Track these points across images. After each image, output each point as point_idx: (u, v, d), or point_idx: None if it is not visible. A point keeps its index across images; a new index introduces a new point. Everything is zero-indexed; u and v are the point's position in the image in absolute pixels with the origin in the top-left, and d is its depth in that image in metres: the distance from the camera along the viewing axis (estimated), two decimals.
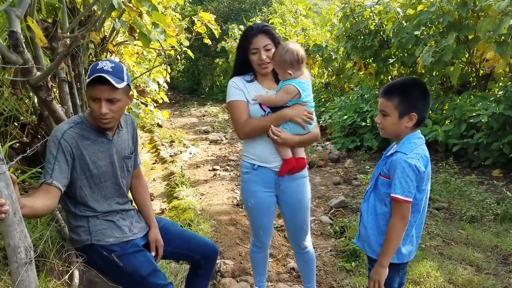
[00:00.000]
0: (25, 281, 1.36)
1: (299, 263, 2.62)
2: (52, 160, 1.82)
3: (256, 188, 2.29)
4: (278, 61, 2.10)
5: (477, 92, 5.85)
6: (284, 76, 2.13)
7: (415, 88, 1.74)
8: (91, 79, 1.79)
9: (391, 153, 1.79)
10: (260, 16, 13.62)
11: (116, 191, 2.06)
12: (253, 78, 2.27)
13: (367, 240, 1.87)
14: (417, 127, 1.78)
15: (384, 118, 1.78)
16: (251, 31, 2.16)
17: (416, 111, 1.72)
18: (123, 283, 2.00)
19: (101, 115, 1.85)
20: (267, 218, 2.41)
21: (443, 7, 5.66)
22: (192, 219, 4.00)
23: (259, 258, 2.60)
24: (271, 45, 2.15)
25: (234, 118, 2.24)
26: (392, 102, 1.73)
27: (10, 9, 1.90)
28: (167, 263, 3.08)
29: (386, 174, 1.78)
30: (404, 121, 1.73)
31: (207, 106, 12.95)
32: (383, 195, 1.80)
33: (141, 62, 5.64)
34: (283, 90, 2.13)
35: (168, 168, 6.14)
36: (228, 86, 2.27)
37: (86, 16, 2.99)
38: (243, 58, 2.21)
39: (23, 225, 1.36)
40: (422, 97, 1.74)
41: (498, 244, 3.43)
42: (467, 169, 5.39)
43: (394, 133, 1.81)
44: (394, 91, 1.75)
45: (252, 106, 2.20)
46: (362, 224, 1.92)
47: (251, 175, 2.30)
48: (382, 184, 1.80)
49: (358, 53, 7.37)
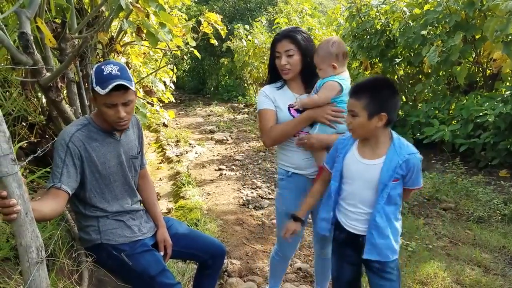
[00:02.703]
0: (36, 281, 1.38)
1: (317, 266, 2.61)
2: (60, 164, 1.82)
3: (290, 195, 2.27)
4: (322, 54, 2.04)
5: (484, 92, 5.83)
6: (326, 72, 2.05)
7: (384, 88, 1.71)
8: (110, 89, 1.76)
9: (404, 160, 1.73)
10: (266, 16, 13.61)
11: (125, 191, 2.08)
12: (283, 84, 2.24)
13: (389, 247, 1.81)
14: (388, 126, 1.76)
15: (353, 118, 1.73)
16: (278, 35, 2.15)
17: (386, 111, 1.68)
18: (132, 283, 2.01)
19: (120, 119, 1.86)
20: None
21: (450, 7, 5.64)
22: (198, 218, 4.01)
23: (279, 265, 2.57)
24: (293, 50, 2.09)
25: (261, 126, 2.22)
26: (361, 102, 1.69)
27: (20, 11, 1.91)
28: (175, 263, 3.09)
29: (396, 178, 1.75)
30: (374, 121, 1.70)
31: (212, 105, 12.95)
32: (395, 197, 1.78)
33: (147, 62, 5.65)
34: (325, 87, 2.05)
35: (174, 168, 6.16)
36: (258, 95, 2.26)
37: (94, 16, 3.00)
38: (272, 63, 2.21)
39: (34, 225, 1.37)
40: (391, 97, 1.71)
41: (505, 244, 3.42)
42: (474, 169, 5.37)
43: (364, 133, 1.77)
44: (363, 91, 1.71)
45: (282, 113, 2.17)
46: (378, 237, 1.80)
47: (286, 182, 2.28)
48: (393, 188, 1.76)
49: (364, 53, 7.35)
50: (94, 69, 1.85)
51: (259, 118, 2.24)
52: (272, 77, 2.27)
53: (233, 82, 15.10)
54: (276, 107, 2.18)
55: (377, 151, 1.78)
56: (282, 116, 2.17)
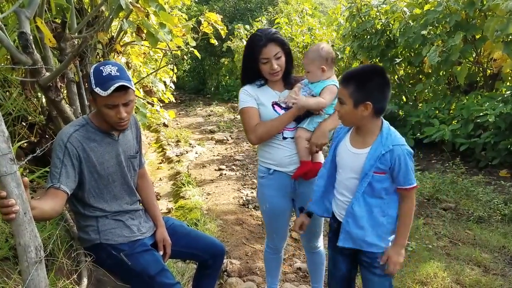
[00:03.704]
0: (35, 280, 1.38)
1: (309, 262, 2.62)
2: (58, 164, 1.82)
3: (272, 193, 2.29)
4: (312, 58, 2.12)
5: (485, 92, 5.83)
6: (315, 75, 2.14)
7: (373, 77, 1.68)
8: (111, 90, 1.75)
9: (388, 150, 1.70)
10: (266, 16, 13.61)
11: (124, 191, 2.08)
12: (263, 82, 2.26)
13: (362, 238, 1.81)
14: (378, 115, 1.73)
15: (341, 106, 1.73)
16: (260, 41, 2.10)
17: (371, 100, 1.65)
18: (131, 282, 2.01)
19: (120, 120, 1.86)
20: (282, 222, 2.41)
21: (450, 7, 5.63)
22: (198, 218, 4.01)
23: (272, 260, 2.60)
24: (281, 52, 2.13)
25: (245, 124, 2.23)
26: (348, 89, 1.68)
27: (20, 10, 1.92)
28: (174, 263, 3.09)
29: (382, 170, 1.73)
30: (360, 110, 1.68)
31: (212, 105, 12.95)
32: (379, 190, 1.76)
33: (147, 62, 5.66)
34: (330, 91, 2.12)
35: (174, 168, 6.16)
36: (240, 94, 2.26)
37: (94, 16, 3.01)
38: (252, 66, 2.18)
39: (33, 224, 1.37)
40: (380, 86, 1.68)
41: (505, 244, 3.42)
42: (474, 169, 5.37)
43: (352, 122, 1.78)
44: (351, 79, 1.69)
45: (266, 110, 2.19)
46: (353, 226, 1.82)
47: (266, 180, 2.29)
48: (378, 181, 1.74)
49: (365, 53, 7.35)
50: (93, 70, 1.84)
51: (242, 116, 2.25)
52: (248, 78, 2.27)
53: (233, 82, 15.10)
54: (260, 104, 2.21)
55: (365, 140, 1.77)
56: (266, 112, 2.19)
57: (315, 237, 2.44)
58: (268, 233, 2.51)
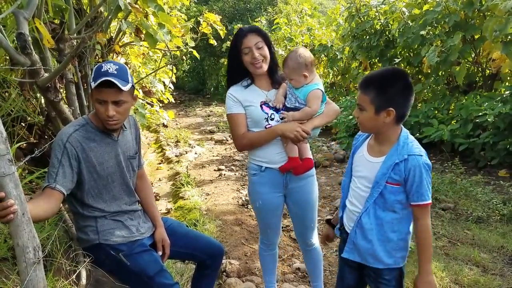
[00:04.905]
0: (34, 281, 1.38)
1: (306, 261, 2.62)
2: (56, 164, 1.82)
3: (264, 190, 2.30)
4: (292, 66, 2.10)
5: (483, 92, 5.83)
6: (299, 81, 2.13)
7: (395, 81, 1.59)
8: (98, 83, 1.79)
9: (403, 159, 1.60)
10: (265, 16, 13.62)
11: (123, 191, 2.08)
12: (250, 82, 2.26)
13: (372, 253, 1.71)
14: (399, 122, 1.64)
15: (361, 112, 1.64)
16: (241, 32, 2.15)
17: (394, 106, 1.56)
18: (130, 283, 2.01)
19: (108, 118, 1.87)
20: (275, 218, 2.42)
21: (449, 7, 5.64)
22: (197, 219, 4.01)
23: (268, 257, 2.60)
24: (262, 42, 2.13)
25: (231, 130, 2.27)
26: (368, 95, 1.59)
27: (18, 11, 1.92)
28: (173, 263, 3.09)
29: (396, 181, 1.62)
30: (382, 117, 1.59)
31: (212, 106, 12.96)
32: (392, 203, 1.65)
33: (147, 62, 5.66)
34: (315, 97, 2.12)
35: (174, 168, 6.16)
36: (226, 99, 2.26)
37: (92, 17, 3.01)
38: (236, 61, 2.19)
39: (31, 225, 1.37)
40: (402, 91, 1.58)
41: (504, 244, 3.42)
42: (473, 169, 5.37)
43: (372, 129, 1.69)
44: (371, 84, 1.60)
45: (256, 110, 2.19)
46: (361, 238, 1.73)
47: (258, 177, 2.30)
48: (391, 192, 1.64)
49: (364, 53, 7.36)
50: (96, 66, 1.88)
51: (229, 122, 2.27)
52: (234, 78, 2.28)
53: None
54: (247, 106, 2.20)
55: (382, 149, 1.68)
56: (255, 112, 2.19)
57: (309, 232, 2.42)
58: (262, 229, 2.51)
